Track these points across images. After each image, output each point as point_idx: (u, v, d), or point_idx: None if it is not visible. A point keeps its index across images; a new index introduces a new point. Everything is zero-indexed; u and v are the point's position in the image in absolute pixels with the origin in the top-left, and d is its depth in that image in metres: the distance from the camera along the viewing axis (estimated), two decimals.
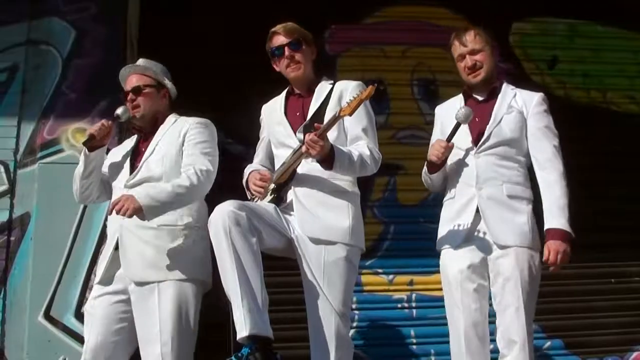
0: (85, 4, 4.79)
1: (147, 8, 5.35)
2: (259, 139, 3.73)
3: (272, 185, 3.35)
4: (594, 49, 5.97)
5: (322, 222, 3.23)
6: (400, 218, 5.34)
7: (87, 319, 3.49)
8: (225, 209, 2.99)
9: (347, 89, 3.37)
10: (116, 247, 3.43)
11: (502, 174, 3.39)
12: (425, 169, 3.60)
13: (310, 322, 3.17)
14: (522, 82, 5.69)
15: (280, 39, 3.45)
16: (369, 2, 5.74)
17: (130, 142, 3.75)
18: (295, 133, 3.37)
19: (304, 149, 3.10)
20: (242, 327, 2.81)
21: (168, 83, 3.73)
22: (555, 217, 3.30)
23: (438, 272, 3.57)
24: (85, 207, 4.43)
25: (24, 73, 4.73)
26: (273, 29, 3.49)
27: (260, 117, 3.68)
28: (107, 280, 3.44)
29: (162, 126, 3.64)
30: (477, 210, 3.38)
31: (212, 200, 3.14)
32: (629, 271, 5.41)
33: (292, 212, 3.30)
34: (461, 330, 3.35)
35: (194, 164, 3.43)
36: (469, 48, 3.52)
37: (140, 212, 3.22)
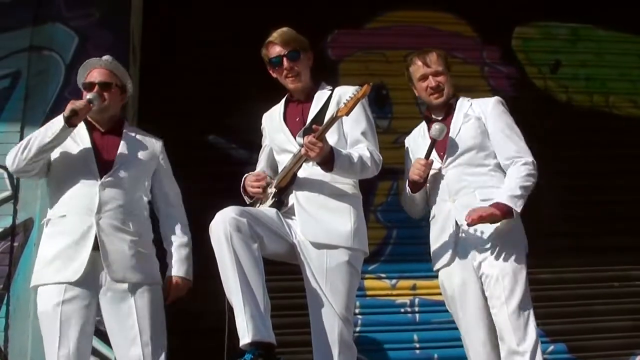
0: (88, 10, 4.80)
1: (149, 14, 5.37)
2: (261, 145, 3.73)
3: (273, 190, 3.35)
4: (596, 53, 5.97)
5: (324, 226, 3.23)
6: (403, 222, 5.31)
7: (54, 322, 3.29)
8: (227, 215, 2.99)
9: (346, 93, 3.34)
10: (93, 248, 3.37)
11: (473, 182, 3.43)
12: (406, 191, 3.62)
13: (312, 327, 3.17)
14: (525, 86, 5.74)
15: (277, 49, 3.43)
16: (371, 7, 5.74)
17: (76, 133, 3.56)
18: (295, 138, 3.37)
19: (303, 151, 3.11)
20: (245, 334, 2.81)
21: (130, 89, 3.78)
22: (505, 192, 3.33)
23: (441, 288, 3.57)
24: None
25: (26, 79, 4.73)
26: (269, 38, 3.46)
27: (262, 126, 3.68)
28: (81, 281, 3.32)
29: (127, 131, 3.67)
30: (457, 223, 3.41)
31: (216, 205, 3.13)
32: (632, 275, 5.41)
33: (293, 217, 3.29)
34: (471, 346, 3.39)
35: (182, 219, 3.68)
36: (433, 69, 3.58)
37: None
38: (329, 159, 3.12)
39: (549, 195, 4.95)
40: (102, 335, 4.23)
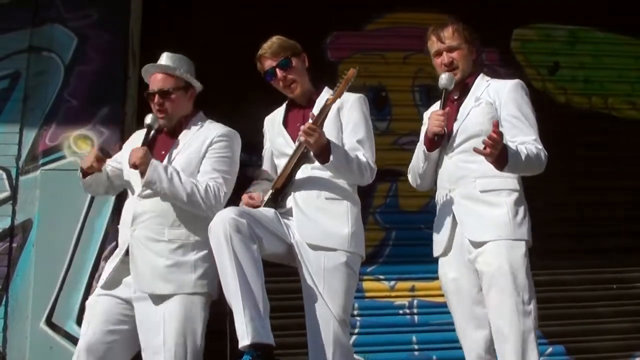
0: (87, 11, 4.80)
1: (149, 15, 5.37)
2: (261, 146, 3.73)
3: (270, 191, 3.34)
4: (595, 55, 5.98)
5: (321, 229, 3.22)
6: (401, 224, 5.34)
7: (87, 313, 3.40)
8: (226, 216, 2.98)
9: (348, 100, 3.36)
10: (126, 254, 3.37)
11: (475, 170, 3.21)
12: (419, 153, 3.42)
13: (308, 328, 3.15)
14: None
15: (268, 62, 3.43)
16: (370, 9, 5.74)
17: (134, 144, 3.51)
18: (295, 142, 3.36)
19: (302, 138, 3.10)
20: (244, 336, 2.81)
21: (195, 82, 3.62)
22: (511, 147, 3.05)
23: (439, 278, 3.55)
24: (87, 214, 4.44)
25: (25, 80, 4.73)
26: (259, 52, 3.46)
27: (264, 129, 3.68)
28: (111, 284, 3.36)
29: (186, 131, 3.52)
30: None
31: None
32: (631, 277, 5.42)
33: (291, 217, 3.29)
34: (463, 343, 3.32)
35: (212, 180, 3.38)
36: (447, 45, 3.36)
37: (141, 173, 3.29)
38: (325, 149, 3.12)
39: (547, 196, 4.96)
40: None
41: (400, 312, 5.20)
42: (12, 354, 4.28)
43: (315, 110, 3.37)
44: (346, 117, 3.36)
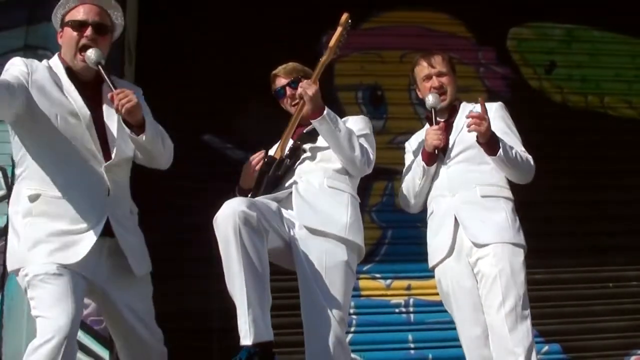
0: None
1: (144, 14, 5.36)
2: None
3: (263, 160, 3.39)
4: (591, 54, 6.00)
5: (320, 214, 3.23)
6: (397, 223, 5.34)
7: (58, 285, 2.75)
8: (236, 208, 2.90)
9: (353, 117, 3.52)
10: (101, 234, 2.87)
11: (474, 178, 3.41)
12: (417, 173, 3.54)
13: (306, 326, 3.12)
14: (520, 86, 5.76)
15: (280, 81, 3.52)
16: (367, 8, 5.74)
17: (55, 85, 2.93)
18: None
19: (299, 91, 3.23)
20: (246, 335, 2.79)
21: (119, 32, 3.16)
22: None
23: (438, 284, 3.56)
24: None
25: None
26: (274, 72, 3.55)
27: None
28: (77, 265, 2.82)
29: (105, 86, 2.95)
30: (456, 218, 3.39)
31: (213, 205, 3.09)
32: (627, 275, 5.44)
33: (291, 210, 3.28)
34: (464, 342, 3.38)
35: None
36: (437, 70, 3.59)
37: (140, 122, 2.82)
38: (320, 107, 3.21)
39: (544, 195, 4.97)
40: (97, 334, 4.25)
41: (396, 310, 5.21)
42: (8, 354, 4.27)
43: None
44: (351, 126, 3.41)
